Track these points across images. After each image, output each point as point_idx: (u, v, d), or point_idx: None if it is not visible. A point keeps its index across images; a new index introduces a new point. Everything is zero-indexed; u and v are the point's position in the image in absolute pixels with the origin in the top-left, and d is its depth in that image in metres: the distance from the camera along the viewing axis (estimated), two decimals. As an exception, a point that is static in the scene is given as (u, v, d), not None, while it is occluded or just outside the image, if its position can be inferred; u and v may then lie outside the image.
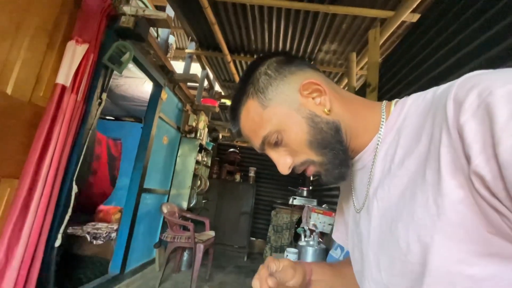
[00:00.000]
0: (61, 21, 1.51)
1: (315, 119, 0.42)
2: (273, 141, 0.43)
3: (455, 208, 0.28)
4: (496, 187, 0.24)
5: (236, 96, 0.46)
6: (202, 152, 4.07)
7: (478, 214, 0.27)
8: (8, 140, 1.31)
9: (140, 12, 1.88)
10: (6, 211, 1.32)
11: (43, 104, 1.43)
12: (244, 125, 0.46)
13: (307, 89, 0.42)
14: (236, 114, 0.46)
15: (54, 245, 1.56)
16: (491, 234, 0.27)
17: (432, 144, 0.31)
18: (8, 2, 1.22)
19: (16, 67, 1.29)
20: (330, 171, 0.43)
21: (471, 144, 0.25)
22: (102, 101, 1.85)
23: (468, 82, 0.28)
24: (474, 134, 0.25)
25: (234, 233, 4.47)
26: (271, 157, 0.46)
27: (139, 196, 2.62)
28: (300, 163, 0.44)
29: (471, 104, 0.26)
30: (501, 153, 0.23)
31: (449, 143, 0.28)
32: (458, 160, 0.27)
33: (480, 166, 0.25)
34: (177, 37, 4.52)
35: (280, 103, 0.42)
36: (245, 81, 0.45)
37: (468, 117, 0.26)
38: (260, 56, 0.47)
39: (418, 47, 1.62)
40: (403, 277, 0.34)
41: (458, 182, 0.27)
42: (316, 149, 0.42)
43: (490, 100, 0.24)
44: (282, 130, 0.42)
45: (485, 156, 0.24)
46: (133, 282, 2.60)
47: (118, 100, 3.74)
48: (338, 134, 0.42)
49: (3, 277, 1.24)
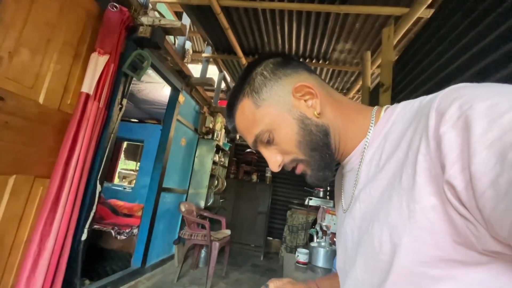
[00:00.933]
0: (85, 35, 1.65)
1: (305, 121, 0.43)
2: (265, 139, 0.45)
3: (425, 215, 0.29)
4: (466, 196, 0.25)
5: (233, 94, 0.48)
6: (219, 152, 4.18)
7: (447, 222, 0.28)
8: (41, 144, 1.47)
9: (156, 22, 2.00)
10: (39, 207, 1.48)
11: (70, 111, 1.58)
12: (239, 122, 0.48)
13: (300, 92, 0.44)
14: (232, 111, 0.48)
15: (81, 238, 1.72)
16: (457, 243, 0.28)
17: (410, 150, 0.32)
18: (40, 21, 1.36)
19: (47, 78, 1.45)
20: (315, 172, 0.46)
21: (448, 154, 0.26)
22: (123, 106, 1.99)
23: (452, 94, 0.29)
24: (451, 145, 0.26)
25: (251, 232, 4.53)
26: (263, 154, 0.48)
27: (158, 195, 2.77)
28: (289, 161, 0.47)
29: (452, 115, 0.27)
30: (474, 164, 0.24)
31: (426, 151, 0.29)
32: (434, 168, 0.28)
33: (453, 176, 0.26)
34: (195, 41, 4.67)
35: (273, 104, 0.44)
36: (243, 80, 0.47)
37: (447, 128, 0.27)
38: (259, 57, 0.49)
39: (432, 44, 1.57)
40: (374, 274, 0.35)
41: (431, 190, 0.28)
42: (304, 150, 0.44)
43: (469, 113, 0.25)
44: (273, 129, 0.44)
45: (459, 166, 0.25)
46: (154, 276, 2.75)
47: (140, 104, 3.96)
48: (326, 137, 0.44)
49: (37, 266, 1.39)
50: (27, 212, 1.44)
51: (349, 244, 0.44)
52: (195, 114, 3.62)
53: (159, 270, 2.91)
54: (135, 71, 1.99)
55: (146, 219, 2.67)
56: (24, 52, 1.31)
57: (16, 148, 1.34)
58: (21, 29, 1.28)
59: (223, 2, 2.34)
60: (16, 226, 1.39)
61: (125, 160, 7.31)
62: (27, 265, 1.36)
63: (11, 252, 1.38)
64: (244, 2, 2.34)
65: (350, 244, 0.44)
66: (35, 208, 1.47)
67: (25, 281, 1.34)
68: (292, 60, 0.48)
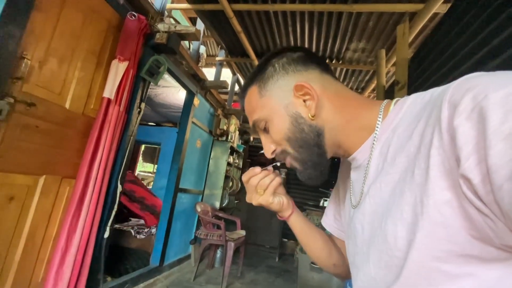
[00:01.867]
0: (106, 43, 1.75)
1: (299, 120, 0.45)
2: (262, 127, 0.49)
3: (439, 209, 0.28)
4: (483, 190, 0.24)
5: (249, 77, 0.52)
6: (234, 154, 4.23)
7: (463, 216, 0.27)
8: (67, 147, 1.57)
9: (172, 28, 2.08)
10: (66, 205, 1.58)
11: (93, 115, 1.68)
12: (246, 104, 0.52)
13: (299, 91, 0.45)
14: (244, 93, 0.52)
15: (104, 236, 1.81)
16: (473, 238, 0.27)
17: (422, 144, 0.31)
18: (66, 32, 1.47)
19: (73, 85, 1.54)
20: (303, 170, 0.48)
21: (463, 146, 0.26)
22: (141, 110, 2.08)
23: (465, 84, 0.28)
24: (466, 137, 0.25)
25: (266, 233, 4.54)
26: (261, 138, 0.52)
27: (175, 196, 2.85)
28: (280, 152, 0.49)
29: (465, 107, 0.26)
30: (490, 156, 0.23)
31: (439, 144, 0.28)
32: (448, 162, 0.27)
33: (469, 169, 0.25)
34: (209, 45, 4.78)
35: (273, 96, 0.47)
36: (259, 68, 0.50)
37: (462, 120, 0.26)
38: (280, 48, 0.51)
39: (448, 40, 1.53)
40: (388, 270, 0.35)
41: (445, 184, 0.28)
42: (293, 146, 0.47)
43: (484, 104, 0.24)
44: (268, 120, 0.48)
45: (475, 159, 0.25)
46: (171, 274, 2.83)
47: (157, 107, 4.09)
48: (318, 138, 0.45)
49: (64, 261, 1.49)
50: (55, 210, 1.54)
51: (359, 239, 0.44)
52: (210, 116, 3.69)
53: (176, 269, 2.98)
54: (152, 76, 2.07)
55: (164, 219, 2.76)
56: (52, 61, 1.41)
57: (46, 150, 1.44)
58: (49, 40, 1.38)
59: (236, 7, 2.40)
60: (46, 223, 1.49)
61: (143, 162, 7.56)
62: (55, 260, 1.45)
63: (41, 247, 1.48)
64: (256, 6, 2.38)
65: (360, 239, 0.44)
66: (62, 207, 1.57)
67: (54, 275, 1.43)
68: (311, 56, 0.49)
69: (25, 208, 1.37)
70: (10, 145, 1.26)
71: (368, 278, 0.40)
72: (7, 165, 1.26)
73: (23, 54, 1.25)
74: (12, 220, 1.32)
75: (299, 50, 0.49)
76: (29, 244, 1.40)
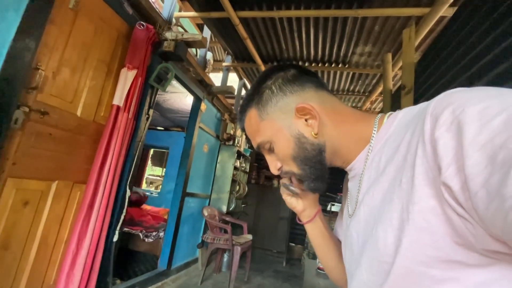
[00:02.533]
0: (116, 52, 1.81)
1: (301, 140, 0.47)
2: (267, 148, 0.51)
3: (424, 216, 0.30)
4: (462, 197, 0.26)
5: (245, 99, 0.54)
6: (241, 158, 4.26)
7: (446, 223, 0.28)
8: (78, 153, 1.62)
9: (179, 36, 2.13)
10: (77, 210, 1.63)
11: (103, 122, 1.73)
12: (247, 127, 0.54)
13: (301, 111, 0.47)
14: (243, 115, 0.54)
15: (113, 239, 1.85)
16: (457, 244, 0.28)
17: (408, 153, 0.33)
18: (78, 43, 1.53)
19: (84, 93, 1.60)
20: (307, 183, 0.51)
21: (443, 156, 0.27)
22: (149, 116, 2.13)
23: (446, 99, 0.30)
24: (446, 148, 0.27)
25: (273, 237, 4.53)
26: (266, 158, 0.54)
27: (182, 200, 2.89)
28: (285, 172, 0.53)
29: (445, 120, 0.28)
30: (467, 165, 0.25)
31: (423, 154, 0.30)
32: (431, 171, 0.29)
33: (449, 178, 0.27)
34: (216, 51, 4.84)
35: (275, 119, 0.49)
36: (254, 89, 0.52)
37: (442, 132, 0.28)
38: (273, 68, 0.52)
39: (455, 43, 1.52)
40: (378, 275, 0.36)
41: (429, 192, 0.29)
42: (298, 164, 0.49)
43: (462, 117, 0.26)
44: (273, 141, 0.50)
45: (455, 168, 0.26)
46: (179, 278, 2.85)
47: (165, 113, 4.17)
48: (320, 155, 0.48)
49: (75, 264, 1.53)
50: (67, 214, 1.59)
51: (354, 247, 0.46)
52: (217, 121, 3.73)
53: (183, 272, 3.01)
54: (160, 83, 2.13)
55: (172, 222, 2.80)
56: (65, 71, 1.47)
57: (58, 156, 1.50)
58: (62, 51, 1.44)
59: (241, 14, 2.44)
60: (58, 227, 1.54)
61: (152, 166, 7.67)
62: (66, 262, 1.50)
63: (53, 250, 1.53)
64: (262, 13, 2.41)
65: (355, 247, 0.45)
66: (73, 211, 1.62)
67: (65, 277, 1.48)
68: (304, 73, 0.50)
69: (39, 212, 1.43)
70: (25, 152, 1.31)
71: (361, 284, 0.41)
72: (22, 171, 1.32)
73: (37, 65, 1.31)
74: (27, 224, 1.37)
75: (291, 67, 0.51)
76: (42, 247, 1.45)
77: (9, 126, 1.21)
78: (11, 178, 1.27)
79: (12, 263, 1.32)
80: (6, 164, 1.24)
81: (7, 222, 1.27)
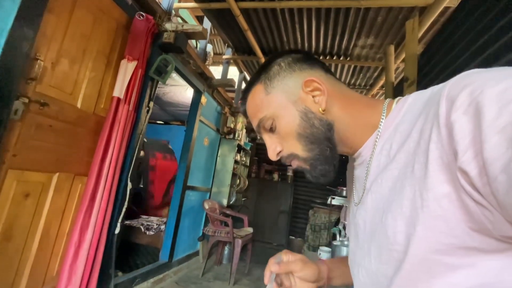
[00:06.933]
0: (116, 44, 1.78)
1: (308, 115, 0.45)
2: (268, 126, 0.47)
3: (439, 203, 0.29)
4: (480, 182, 0.25)
5: (250, 79, 0.52)
6: (241, 152, 4.25)
7: (462, 209, 0.28)
8: (79, 145, 1.61)
9: (179, 28, 2.10)
10: (78, 202, 1.63)
11: (104, 114, 1.72)
12: (249, 105, 0.51)
13: (309, 86, 0.45)
14: (246, 95, 0.51)
15: (114, 232, 1.85)
16: (472, 230, 0.28)
17: (421, 139, 0.32)
18: (77, 33, 1.50)
19: (84, 85, 1.58)
20: (314, 167, 0.46)
21: (460, 140, 0.26)
22: (150, 109, 2.11)
23: (462, 81, 0.28)
24: (463, 131, 0.26)
25: (273, 231, 4.56)
26: (265, 140, 0.50)
27: (183, 193, 2.89)
28: (286, 155, 0.48)
29: (462, 102, 0.26)
30: (486, 149, 0.24)
31: (438, 139, 0.29)
32: (446, 156, 0.28)
33: (466, 162, 0.26)
34: (216, 43, 4.80)
35: (281, 93, 0.46)
36: (261, 69, 0.50)
37: (459, 115, 0.26)
38: (282, 51, 0.51)
39: (458, 35, 1.50)
40: (389, 264, 0.36)
41: (444, 177, 0.28)
42: (303, 143, 0.45)
43: (480, 99, 0.25)
44: (276, 117, 0.46)
45: (472, 152, 0.25)
46: (180, 270, 2.88)
47: (165, 106, 4.14)
48: (329, 131, 0.45)
49: (78, 256, 1.53)
50: (68, 207, 1.58)
51: (361, 235, 0.45)
52: (217, 114, 3.71)
53: (185, 265, 3.03)
54: (160, 75, 2.10)
55: (173, 215, 2.80)
56: (64, 62, 1.45)
57: (59, 149, 1.49)
58: (61, 41, 1.41)
59: (242, 4, 2.40)
60: (60, 219, 1.54)
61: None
62: (69, 254, 1.50)
63: (55, 242, 1.53)
64: (263, 3, 2.38)
65: (362, 235, 0.44)
66: (75, 203, 1.62)
67: (68, 269, 1.48)
68: (312, 58, 0.49)
69: (40, 204, 1.42)
70: (25, 144, 1.30)
71: (369, 273, 0.41)
72: (22, 163, 1.31)
73: (36, 56, 1.29)
74: (28, 216, 1.37)
75: (300, 52, 0.50)
76: (44, 239, 1.45)
77: (9, 117, 1.20)
78: (12, 170, 1.26)
79: (15, 254, 1.32)
80: (6, 156, 1.23)
81: (8, 214, 1.27)
